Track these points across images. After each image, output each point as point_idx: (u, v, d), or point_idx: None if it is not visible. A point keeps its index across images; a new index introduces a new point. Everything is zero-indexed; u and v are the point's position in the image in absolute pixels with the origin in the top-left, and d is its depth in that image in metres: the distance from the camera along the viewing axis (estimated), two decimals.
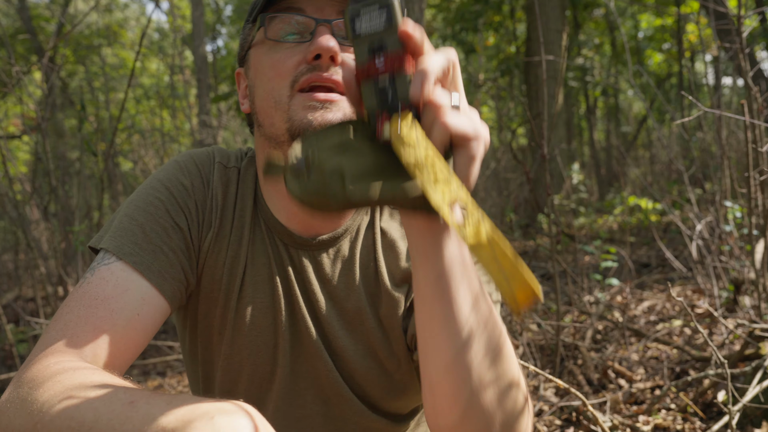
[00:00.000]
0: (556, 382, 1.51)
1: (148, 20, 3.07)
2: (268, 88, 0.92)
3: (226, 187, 1.01)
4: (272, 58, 0.92)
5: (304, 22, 0.91)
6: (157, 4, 3.53)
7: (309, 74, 0.89)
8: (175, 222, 0.95)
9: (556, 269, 2.82)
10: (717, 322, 3.05)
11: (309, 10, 0.90)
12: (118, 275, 0.88)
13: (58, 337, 0.82)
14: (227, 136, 14.73)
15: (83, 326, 0.83)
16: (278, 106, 0.91)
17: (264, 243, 1.01)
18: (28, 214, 5.32)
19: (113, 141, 3.00)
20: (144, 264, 0.89)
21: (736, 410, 1.72)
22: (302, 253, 1.01)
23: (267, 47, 0.93)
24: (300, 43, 0.91)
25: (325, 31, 0.90)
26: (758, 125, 2.36)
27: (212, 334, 1.02)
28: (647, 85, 11.75)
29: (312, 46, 0.88)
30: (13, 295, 5.31)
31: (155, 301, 0.89)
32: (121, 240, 0.91)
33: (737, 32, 2.33)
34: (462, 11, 9.91)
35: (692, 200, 3.91)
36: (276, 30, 0.92)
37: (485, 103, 15.00)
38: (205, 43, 11.28)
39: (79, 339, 0.82)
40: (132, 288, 0.87)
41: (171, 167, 1.00)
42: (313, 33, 0.90)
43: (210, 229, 0.99)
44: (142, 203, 0.95)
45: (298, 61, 0.90)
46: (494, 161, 9.48)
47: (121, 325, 0.84)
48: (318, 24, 0.90)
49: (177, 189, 0.97)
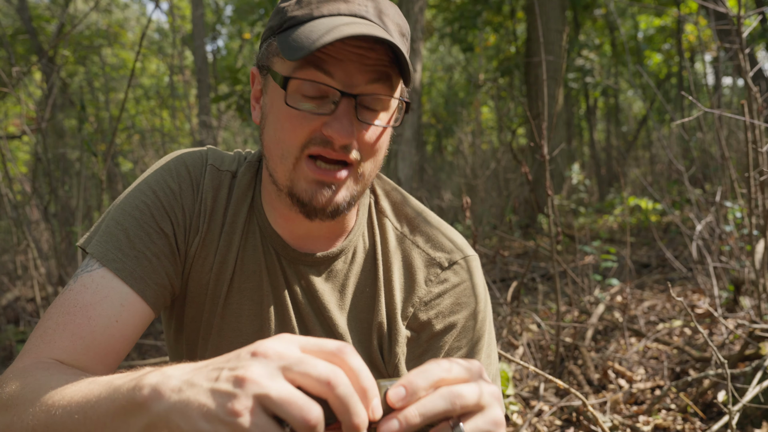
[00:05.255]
0: (556, 382, 1.51)
1: (148, 20, 3.07)
2: (279, 138, 0.89)
3: (217, 190, 1.00)
4: (289, 112, 0.87)
5: (328, 91, 0.86)
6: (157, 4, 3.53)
7: (321, 147, 0.86)
8: (161, 227, 0.94)
9: (556, 269, 2.82)
10: (717, 322, 3.05)
11: (337, 76, 0.84)
12: (98, 282, 0.88)
13: (37, 343, 0.85)
14: (227, 136, 14.73)
15: (61, 333, 0.85)
16: (283, 161, 0.89)
17: (256, 251, 1.00)
18: (28, 214, 5.32)
19: (113, 141, 3.00)
20: (126, 270, 0.90)
21: (736, 410, 1.72)
22: (294, 266, 1.00)
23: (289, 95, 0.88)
24: (319, 115, 0.86)
25: (348, 108, 0.85)
26: (758, 125, 2.36)
27: (197, 338, 1.02)
28: (647, 86, 11.75)
29: (330, 129, 0.85)
30: (13, 295, 5.31)
31: (136, 307, 0.89)
32: (105, 246, 0.91)
33: (737, 32, 2.33)
34: (462, 10, 9.91)
35: (692, 200, 3.91)
36: (296, 89, 0.86)
37: (485, 103, 15.00)
38: (205, 43, 11.28)
39: (56, 345, 0.84)
40: (111, 295, 0.88)
41: (160, 170, 0.99)
42: (336, 104, 0.85)
43: (197, 233, 0.98)
44: (129, 207, 0.94)
45: (313, 129, 0.86)
46: (494, 161, 9.47)
47: (99, 331, 0.86)
48: (342, 96, 0.85)
49: (164, 193, 0.96)
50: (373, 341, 1.01)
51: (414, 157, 8.86)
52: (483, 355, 1.05)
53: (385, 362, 1.02)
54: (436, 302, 1.02)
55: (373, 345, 1.01)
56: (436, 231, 1.06)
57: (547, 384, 2.64)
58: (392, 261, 1.02)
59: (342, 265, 1.02)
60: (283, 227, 0.99)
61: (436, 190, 9.07)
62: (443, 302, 1.02)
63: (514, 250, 6.42)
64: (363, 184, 0.93)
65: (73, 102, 10.29)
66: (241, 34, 14.36)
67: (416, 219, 1.06)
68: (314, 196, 0.88)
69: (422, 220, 1.07)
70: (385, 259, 1.03)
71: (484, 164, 9.83)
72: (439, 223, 1.08)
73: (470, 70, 13.93)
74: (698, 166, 5.13)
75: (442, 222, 1.09)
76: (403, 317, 1.01)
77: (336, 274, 1.01)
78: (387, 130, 0.92)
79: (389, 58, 0.87)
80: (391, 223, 1.06)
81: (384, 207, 1.07)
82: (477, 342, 1.05)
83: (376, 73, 0.86)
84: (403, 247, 1.04)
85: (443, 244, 1.05)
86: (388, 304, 1.01)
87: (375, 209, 1.07)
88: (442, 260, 1.04)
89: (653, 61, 13.56)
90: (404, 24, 0.93)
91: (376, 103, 0.88)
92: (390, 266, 1.02)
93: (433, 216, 1.09)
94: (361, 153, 0.89)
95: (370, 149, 0.90)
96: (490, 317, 1.09)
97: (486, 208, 8.23)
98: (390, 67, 0.87)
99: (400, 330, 1.01)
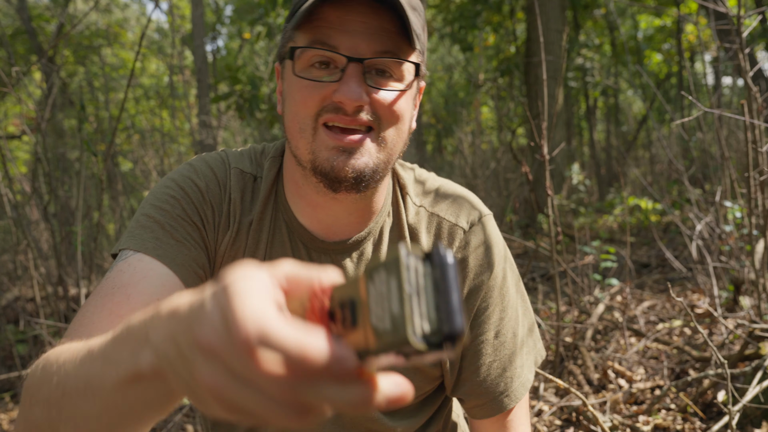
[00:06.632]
0: (556, 382, 1.51)
1: (148, 20, 3.07)
2: (294, 111, 0.90)
3: (243, 192, 1.00)
4: (301, 83, 0.89)
5: (334, 57, 0.87)
6: (157, 4, 3.53)
7: (333, 114, 0.87)
8: (191, 219, 0.94)
9: (556, 269, 2.82)
10: (717, 322, 3.05)
11: (342, 48, 0.86)
12: (135, 265, 0.87)
13: (75, 327, 0.84)
14: (227, 136, 14.72)
15: (99, 313, 0.83)
16: (302, 134, 0.90)
17: (284, 246, 1.00)
18: (28, 214, 5.31)
19: (113, 141, 3.00)
20: (165, 254, 0.89)
21: (736, 410, 1.72)
22: (324, 256, 1.00)
23: (298, 68, 0.90)
24: (329, 83, 0.87)
25: (355, 72, 0.86)
26: (758, 125, 2.36)
27: None
28: (647, 86, 11.75)
29: (338, 93, 0.86)
30: (13, 295, 5.31)
31: (176, 288, 0.88)
32: (140, 236, 0.90)
33: (737, 32, 2.32)
34: (461, 10, 9.91)
35: (692, 200, 3.91)
36: (305, 60, 0.88)
37: (485, 103, 15.00)
38: (205, 43, 11.28)
39: (95, 326, 0.82)
40: (150, 275, 0.86)
41: (184, 168, 1.00)
42: (343, 70, 0.87)
43: (227, 232, 0.98)
44: (158, 202, 0.94)
45: (323, 96, 0.88)
46: (494, 161, 9.48)
47: (139, 308, 0.82)
48: (349, 62, 0.86)
49: (191, 189, 0.96)
50: None
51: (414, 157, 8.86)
52: (511, 311, 1.06)
53: None
54: (462, 267, 1.03)
55: None
56: (455, 197, 1.08)
57: (547, 384, 2.64)
58: (419, 236, 1.03)
59: (370, 246, 1.03)
60: (310, 218, 0.99)
61: None
62: (468, 265, 1.03)
63: (514, 250, 6.41)
64: (387, 153, 0.92)
65: (73, 102, 10.28)
66: (241, 34, 14.34)
67: (435, 190, 1.08)
68: (335, 163, 0.88)
69: (440, 190, 1.08)
70: (412, 235, 1.04)
71: (484, 164, 9.84)
72: (454, 189, 1.10)
73: (470, 70, 13.93)
74: (698, 166, 5.13)
75: (457, 186, 1.11)
76: None
77: (366, 256, 1.02)
78: (404, 96, 0.91)
79: (396, 27, 0.87)
80: (413, 199, 1.06)
81: (405, 183, 1.08)
82: (504, 296, 1.06)
83: (382, 43, 0.86)
84: (427, 220, 1.05)
85: (462, 209, 1.06)
86: None
87: (398, 187, 1.08)
88: (464, 224, 1.05)
89: (653, 61, 13.57)
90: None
91: (386, 69, 0.89)
92: (418, 242, 1.03)
93: (449, 183, 1.11)
94: (378, 116, 0.89)
95: (386, 112, 0.89)
96: (514, 269, 1.10)
97: None
98: (397, 35, 0.87)
99: None
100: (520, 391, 1.05)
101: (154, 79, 16.54)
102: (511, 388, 1.04)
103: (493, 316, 1.04)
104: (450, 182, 1.11)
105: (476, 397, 1.04)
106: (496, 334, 1.04)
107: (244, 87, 7.87)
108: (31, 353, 3.57)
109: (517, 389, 1.05)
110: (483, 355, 1.03)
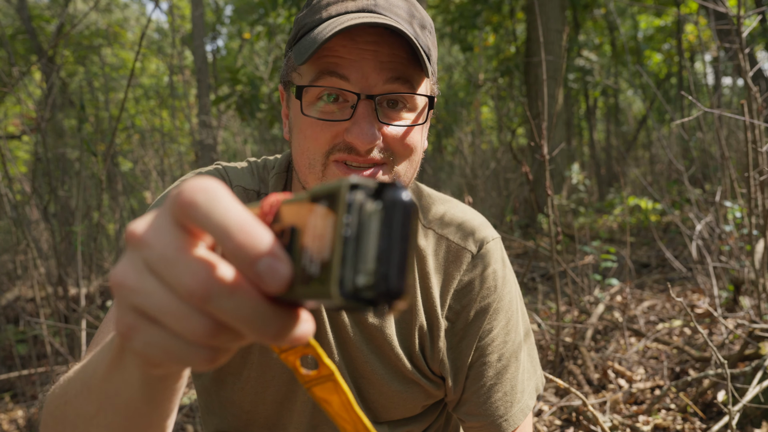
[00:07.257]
0: (556, 382, 1.51)
1: (148, 20, 3.06)
2: (305, 147, 0.88)
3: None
4: (310, 121, 0.86)
5: (345, 94, 0.85)
6: (157, 4, 3.52)
7: (346, 154, 0.85)
8: None
9: (556, 269, 2.82)
10: (717, 322, 3.05)
11: (353, 78, 0.83)
12: None
13: (96, 334, 0.87)
14: (227, 136, 14.73)
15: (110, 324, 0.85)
16: (312, 170, 0.88)
17: None
18: (28, 214, 5.31)
19: (113, 141, 3.00)
20: None
21: (736, 410, 1.72)
22: None
23: (306, 103, 0.87)
24: (338, 121, 0.85)
25: (366, 111, 0.83)
26: (758, 125, 2.36)
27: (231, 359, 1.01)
28: (647, 86, 11.76)
29: (350, 134, 0.83)
30: (13, 295, 5.31)
31: None
32: None
33: (737, 32, 2.33)
34: (461, 10, 9.92)
35: (692, 200, 3.91)
36: (314, 93, 0.85)
37: (485, 103, 15.00)
38: (205, 43, 11.27)
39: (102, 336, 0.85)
40: None
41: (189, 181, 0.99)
42: (354, 107, 0.84)
43: None
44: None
45: (334, 134, 0.85)
46: (494, 161, 9.47)
47: None
48: (360, 100, 0.83)
49: None
50: (415, 342, 1.01)
51: None
52: (515, 335, 1.07)
53: (428, 361, 1.02)
54: (468, 289, 1.03)
55: (415, 347, 1.01)
56: (463, 220, 1.07)
57: (546, 384, 2.64)
58: (426, 259, 1.03)
59: None
60: None
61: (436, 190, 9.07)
62: (475, 288, 1.03)
63: (514, 250, 6.42)
64: None
65: (73, 102, 10.28)
66: (241, 34, 14.35)
67: (443, 212, 1.07)
68: None
69: (448, 213, 1.07)
70: (419, 258, 1.03)
71: (484, 164, 9.83)
72: (464, 211, 1.09)
73: (470, 70, 13.93)
74: (698, 166, 5.13)
75: (466, 208, 1.10)
76: (441, 311, 1.02)
77: None
78: (416, 128, 0.89)
79: (406, 53, 0.85)
80: (421, 221, 1.06)
81: None
82: (509, 320, 1.06)
83: (393, 71, 0.84)
84: (435, 242, 1.04)
85: (470, 232, 1.05)
86: (426, 301, 1.02)
87: None
88: (472, 247, 1.04)
89: (653, 61, 13.57)
90: (422, 15, 0.90)
91: (398, 100, 0.87)
92: (425, 265, 1.02)
93: (457, 204, 1.10)
94: (391, 151, 0.87)
95: (399, 147, 0.88)
96: (519, 293, 1.10)
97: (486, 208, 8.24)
98: (408, 62, 0.85)
99: (440, 325, 1.01)
100: (519, 416, 1.05)
101: (154, 79, 16.54)
102: (511, 413, 1.04)
103: (497, 339, 1.04)
104: (458, 203, 1.11)
105: (475, 418, 1.05)
106: (498, 357, 1.04)
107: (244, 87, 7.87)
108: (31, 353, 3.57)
109: (516, 414, 1.05)
110: (485, 377, 1.04)
